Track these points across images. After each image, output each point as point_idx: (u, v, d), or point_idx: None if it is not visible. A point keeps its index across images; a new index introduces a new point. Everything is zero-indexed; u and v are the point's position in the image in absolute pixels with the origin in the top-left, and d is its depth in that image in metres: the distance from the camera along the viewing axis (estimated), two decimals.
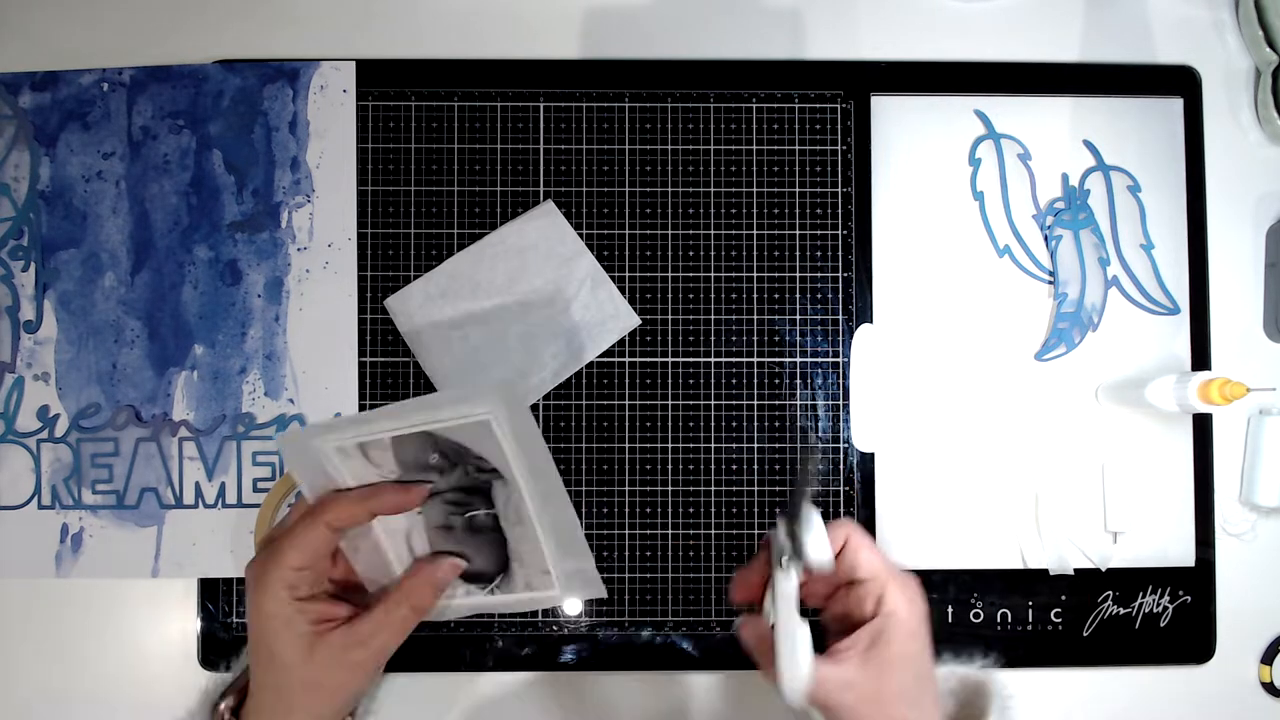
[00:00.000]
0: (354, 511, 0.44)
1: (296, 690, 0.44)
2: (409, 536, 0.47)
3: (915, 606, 0.44)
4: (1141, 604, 0.60)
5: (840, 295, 0.61)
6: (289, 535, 0.44)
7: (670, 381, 0.60)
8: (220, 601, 0.59)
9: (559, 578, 0.47)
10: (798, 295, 0.61)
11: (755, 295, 0.60)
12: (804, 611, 0.43)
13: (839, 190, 0.61)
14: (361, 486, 0.45)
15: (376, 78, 0.61)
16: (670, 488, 0.60)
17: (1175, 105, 0.61)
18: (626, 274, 0.60)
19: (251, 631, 0.45)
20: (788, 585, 0.43)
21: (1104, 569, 0.60)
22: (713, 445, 0.60)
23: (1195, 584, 0.60)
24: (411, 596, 0.46)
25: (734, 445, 0.60)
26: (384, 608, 0.45)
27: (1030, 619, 0.59)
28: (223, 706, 0.47)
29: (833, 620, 0.47)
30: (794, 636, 0.43)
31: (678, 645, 0.59)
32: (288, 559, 0.44)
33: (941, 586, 0.59)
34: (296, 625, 0.44)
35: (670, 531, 0.59)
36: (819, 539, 0.43)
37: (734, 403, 0.60)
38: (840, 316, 0.60)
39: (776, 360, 0.60)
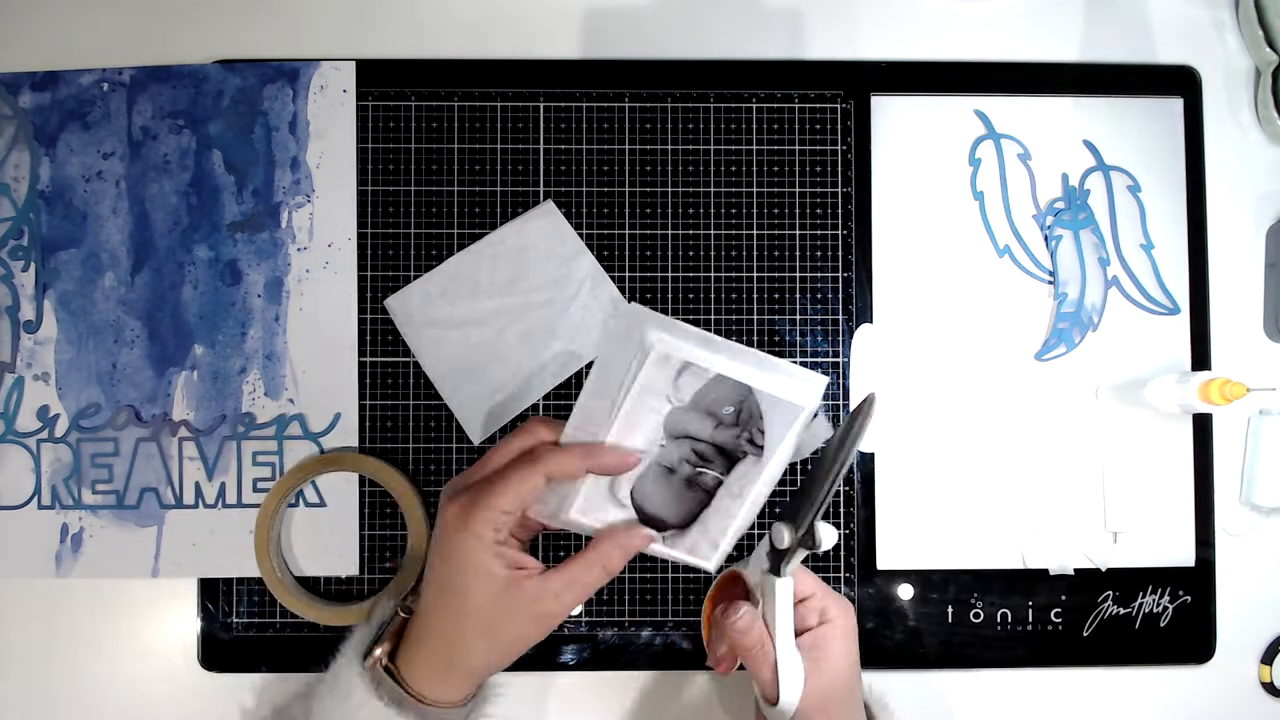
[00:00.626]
0: (573, 465, 0.44)
1: (478, 634, 0.45)
2: (613, 485, 0.46)
3: (850, 617, 0.50)
4: (1141, 604, 0.60)
5: (840, 295, 0.61)
6: (502, 478, 0.44)
7: None
8: (220, 601, 0.59)
9: (720, 555, 0.48)
10: (798, 295, 0.61)
11: (755, 295, 0.60)
12: None
13: (839, 190, 0.61)
14: (578, 445, 0.45)
15: (376, 78, 0.61)
16: None
17: (1175, 105, 0.61)
18: (626, 274, 0.60)
19: (439, 572, 0.45)
20: (788, 593, 0.47)
21: (1104, 569, 0.60)
22: None
23: (1195, 584, 0.60)
24: (608, 559, 0.46)
25: None
26: (580, 565, 0.45)
27: (1030, 619, 0.59)
28: (379, 652, 0.46)
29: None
30: (792, 647, 0.47)
31: (678, 645, 0.59)
32: (499, 501, 0.43)
33: (941, 586, 0.60)
34: (495, 568, 0.44)
35: None
36: (826, 526, 0.46)
37: None
38: (840, 316, 0.60)
39: None
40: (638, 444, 0.45)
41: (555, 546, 0.60)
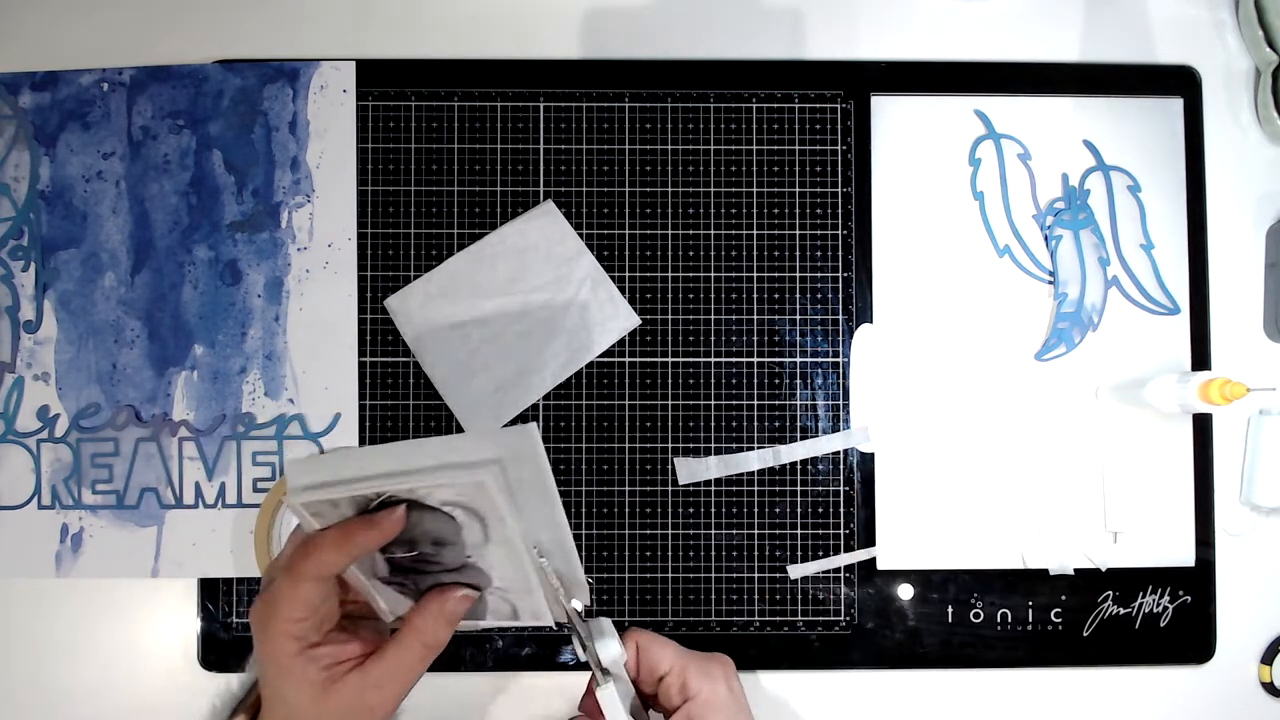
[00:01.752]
0: (333, 559, 0.41)
1: None
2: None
3: (718, 684, 0.45)
4: (1141, 604, 0.60)
5: (840, 295, 0.61)
6: (280, 589, 0.41)
7: (670, 381, 0.60)
8: (220, 601, 0.59)
9: (545, 605, 0.44)
10: (798, 295, 0.61)
11: (755, 295, 0.60)
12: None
13: (839, 190, 0.61)
14: (333, 528, 0.41)
15: (376, 78, 0.61)
16: (670, 488, 0.60)
17: (1175, 105, 0.61)
18: (626, 274, 0.60)
19: (260, 674, 0.43)
20: (609, 697, 0.44)
21: (1104, 569, 0.60)
22: (713, 445, 0.60)
23: (1195, 584, 0.60)
24: (423, 634, 0.43)
25: (734, 445, 0.60)
26: (395, 648, 0.43)
27: (1030, 619, 0.59)
28: None
29: (665, 714, 0.47)
30: None
31: None
32: (284, 612, 0.41)
33: (941, 586, 0.60)
34: (308, 674, 0.42)
35: (670, 531, 0.59)
36: (605, 640, 0.44)
37: (734, 403, 0.60)
38: (840, 316, 0.60)
39: (776, 360, 0.60)
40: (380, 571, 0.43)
41: None
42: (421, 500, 0.39)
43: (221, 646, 0.59)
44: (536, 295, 0.60)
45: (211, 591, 0.59)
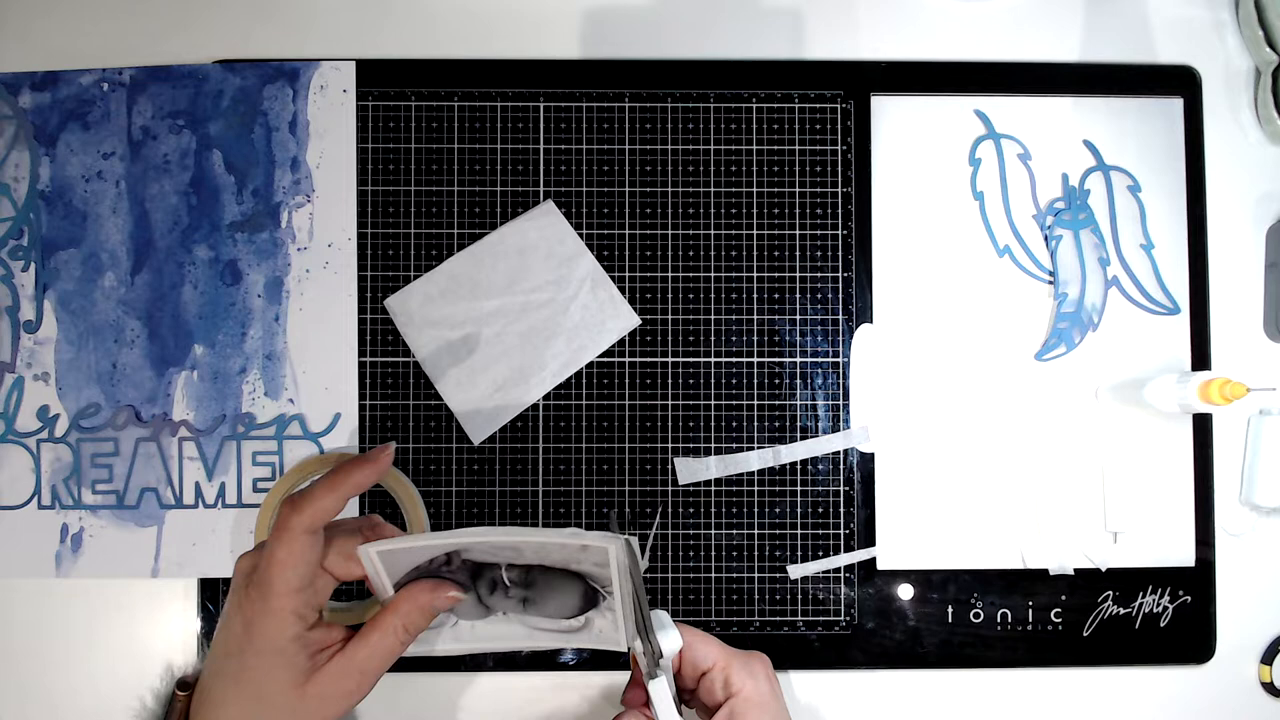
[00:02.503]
0: (327, 503, 0.42)
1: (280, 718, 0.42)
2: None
3: (760, 681, 0.45)
4: (1141, 604, 0.60)
5: (840, 295, 0.61)
6: (270, 560, 0.41)
7: (670, 381, 0.60)
8: (220, 601, 0.59)
9: (621, 634, 0.46)
10: (798, 295, 0.61)
11: (755, 295, 0.60)
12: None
13: (839, 190, 0.61)
14: (322, 476, 0.43)
15: (376, 78, 0.61)
16: (670, 488, 0.60)
17: (1175, 105, 0.61)
18: (626, 274, 0.60)
19: (231, 669, 0.42)
20: (662, 690, 0.44)
21: (1104, 569, 0.60)
22: (713, 445, 0.60)
23: (1195, 584, 0.60)
24: (407, 618, 0.43)
25: (734, 445, 0.60)
26: (379, 633, 0.43)
27: (1030, 619, 0.59)
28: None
29: (702, 712, 0.48)
30: None
31: None
32: (281, 584, 0.41)
33: (941, 586, 0.60)
34: (297, 662, 0.41)
35: (670, 531, 0.59)
36: (667, 632, 0.45)
37: (734, 403, 0.60)
38: (840, 316, 0.60)
39: (776, 360, 0.60)
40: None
41: None
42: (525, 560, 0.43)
43: None
44: (537, 295, 0.60)
45: (211, 591, 0.59)
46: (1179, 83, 0.61)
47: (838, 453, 0.60)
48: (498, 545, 0.42)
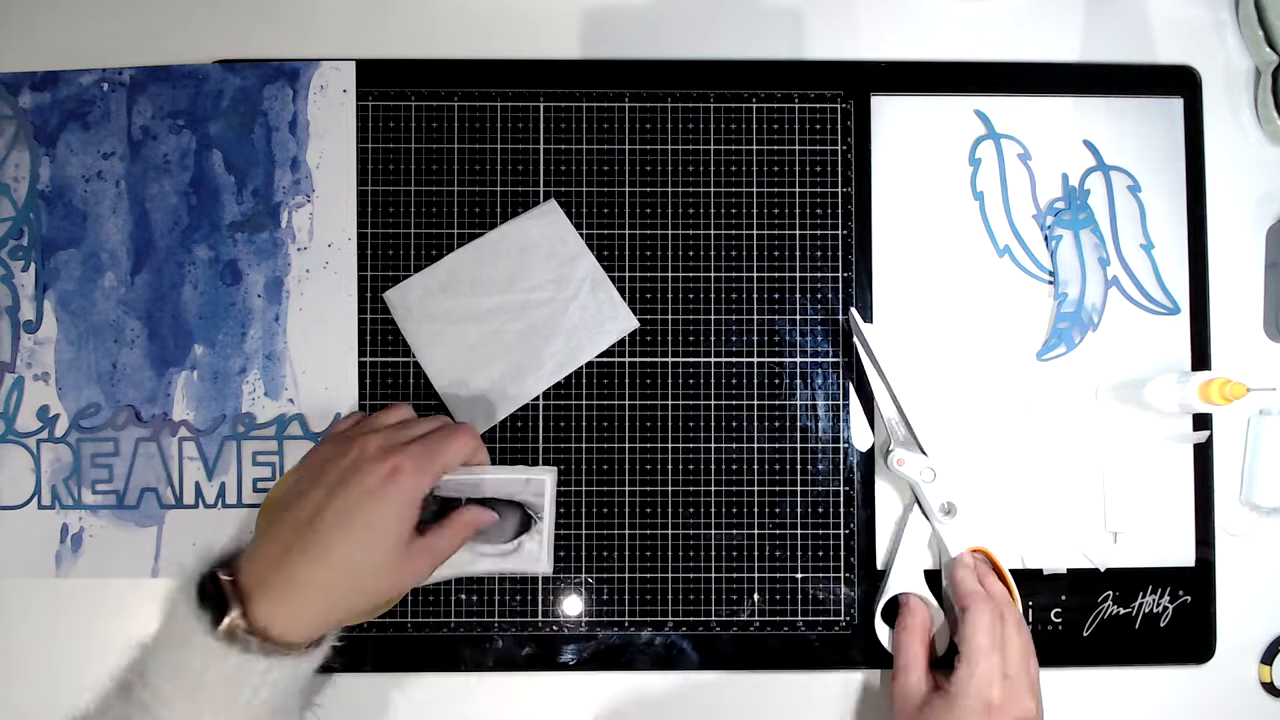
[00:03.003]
0: (483, 452, 0.51)
1: (362, 580, 0.46)
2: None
3: (981, 630, 0.52)
4: (1141, 604, 0.60)
5: (840, 295, 0.61)
6: (455, 440, 0.49)
7: (670, 381, 0.60)
8: None
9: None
10: (798, 295, 0.61)
11: (755, 295, 0.60)
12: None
13: (839, 190, 0.61)
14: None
15: (376, 78, 0.61)
16: (670, 488, 0.60)
17: (1175, 105, 0.61)
18: (626, 274, 0.60)
19: (364, 508, 0.45)
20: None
21: (1104, 569, 0.60)
22: (713, 445, 0.60)
23: (1195, 584, 0.60)
24: (475, 518, 0.51)
25: (734, 445, 0.60)
26: (450, 525, 0.50)
27: (1030, 619, 0.59)
28: (234, 615, 0.43)
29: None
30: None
31: (678, 645, 0.59)
32: (450, 460, 0.48)
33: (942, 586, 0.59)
34: (407, 526, 0.47)
35: (670, 531, 0.59)
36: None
37: (734, 403, 0.60)
38: (840, 316, 0.60)
39: (776, 360, 0.60)
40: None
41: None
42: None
43: None
44: (536, 294, 0.60)
45: None
46: (1179, 83, 0.61)
47: (838, 452, 0.60)
48: (466, 482, 0.52)
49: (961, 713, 0.50)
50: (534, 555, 0.54)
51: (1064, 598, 0.59)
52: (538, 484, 0.53)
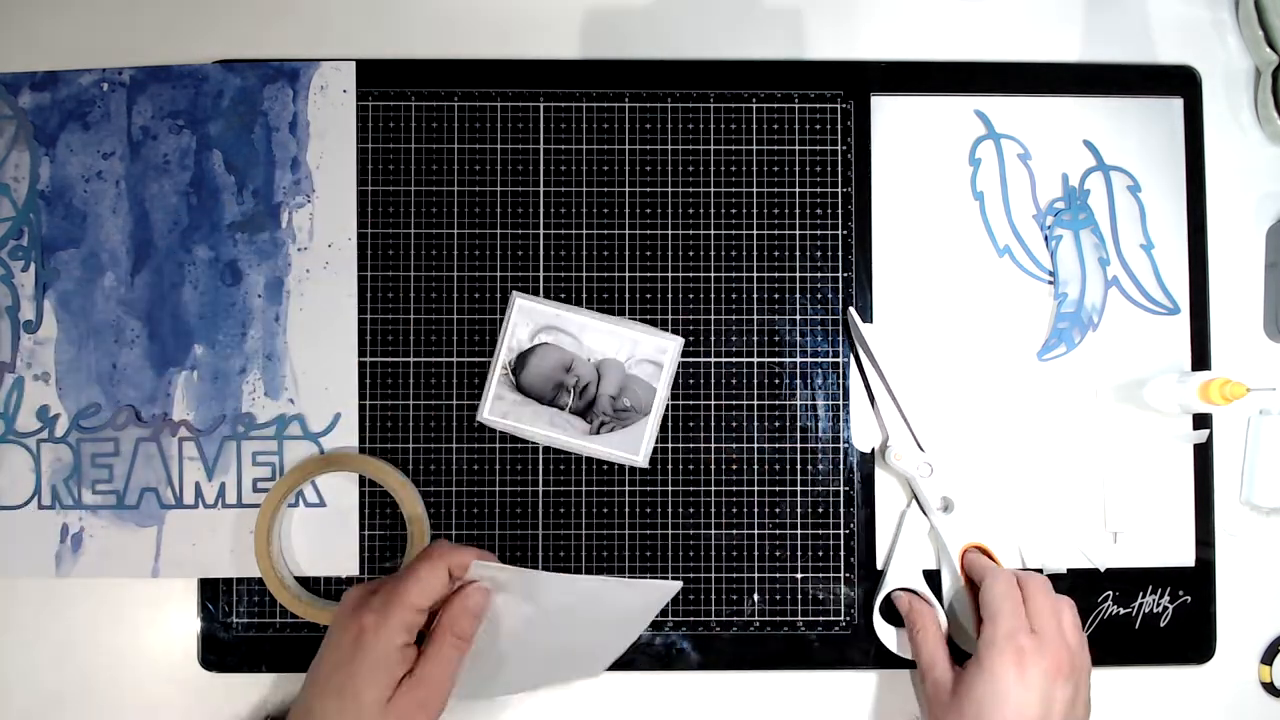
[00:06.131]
0: (469, 559, 0.48)
1: None
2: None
3: (999, 591, 0.53)
4: (1141, 604, 0.60)
5: (840, 295, 0.61)
6: (411, 577, 0.46)
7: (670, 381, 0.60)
8: (220, 601, 0.59)
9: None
10: (798, 295, 0.61)
11: (755, 295, 0.60)
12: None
13: (839, 190, 0.61)
14: (469, 547, 0.50)
15: (376, 78, 0.61)
16: (670, 488, 0.60)
17: (1175, 105, 0.61)
18: (626, 274, 0.60)
19: (336, 682, 0.45)
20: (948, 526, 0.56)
21: (1103, 569, 0.60)
22: (712, 445, 0.60)
23: (1195, 584, 0.60)
24: (454, 624, 0.48)
25: (734, 445, 0.60)
26: (434, 646, 0.47)
27: None
28: None
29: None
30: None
31: (678, 645, 0.59)
32: (412, 599, 0.46)
33: (941, 586, 0.59)
34: (395, 670, 0.45)
35: (670, 531, 0.59)
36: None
37: (734, 403, 0.60)
38: (840, 316, 0.60)
39: (776, 360, 0.60)
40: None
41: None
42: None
43: (221, 646, 0.59)
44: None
45: (211, 591, 0.59)
46: (1179, 83, 0.61)
47: (838, 452, 0.60)
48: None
49: (994, 667, 0.49)
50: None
51: None
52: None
